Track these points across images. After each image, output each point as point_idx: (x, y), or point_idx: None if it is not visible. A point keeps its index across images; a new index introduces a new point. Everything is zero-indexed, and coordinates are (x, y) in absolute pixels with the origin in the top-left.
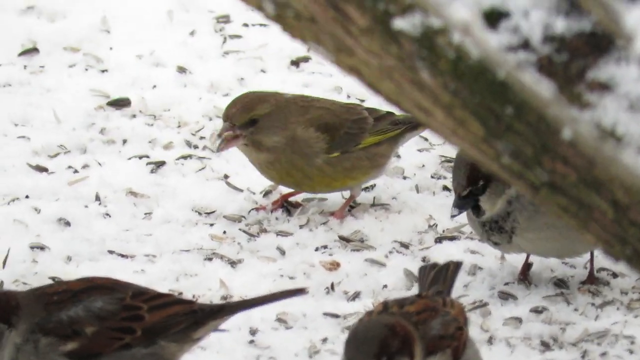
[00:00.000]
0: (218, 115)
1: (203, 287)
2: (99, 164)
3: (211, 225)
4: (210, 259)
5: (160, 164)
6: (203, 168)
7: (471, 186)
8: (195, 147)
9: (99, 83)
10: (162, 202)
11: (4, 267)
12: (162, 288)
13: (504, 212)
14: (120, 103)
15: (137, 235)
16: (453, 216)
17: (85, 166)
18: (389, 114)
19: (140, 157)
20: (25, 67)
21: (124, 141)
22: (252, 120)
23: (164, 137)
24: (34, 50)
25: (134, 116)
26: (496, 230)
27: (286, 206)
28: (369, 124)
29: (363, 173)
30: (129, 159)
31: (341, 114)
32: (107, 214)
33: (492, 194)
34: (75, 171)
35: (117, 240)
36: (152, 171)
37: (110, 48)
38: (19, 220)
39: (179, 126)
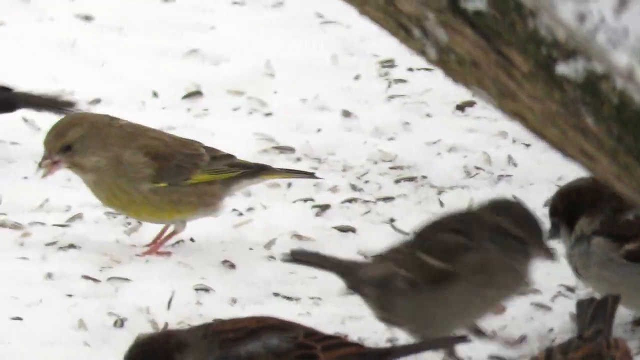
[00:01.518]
0: (383, 159)
1: (369, 330)
2: (264, 207)
3: None
4: None
5: (325, 207)
6: (368, 212)
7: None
8: (361, 190)
9: (263, 127)
10: (327, 245)
11: (168, 308)
12: (328, 331)
13: (569, 251)
14: (284, 148)
15: (302, 278)
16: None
17: (250, 209)
18: (228, 156)
19: (305, 201)
20: (188, 110)
21: (289, 185)
22: (67, 146)
23: (329, 181)
24: (197, 93)
25: (299, 160)
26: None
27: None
28: (203, 160)
29: (191, 209)
30: (294, 202)
31: (174, 146)
32: (272, 257)
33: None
34: (240, 214)
35: (282, 283)
36: (317, 214)
37: (275, 92)
38: (183, 262)
39: (343, 170)
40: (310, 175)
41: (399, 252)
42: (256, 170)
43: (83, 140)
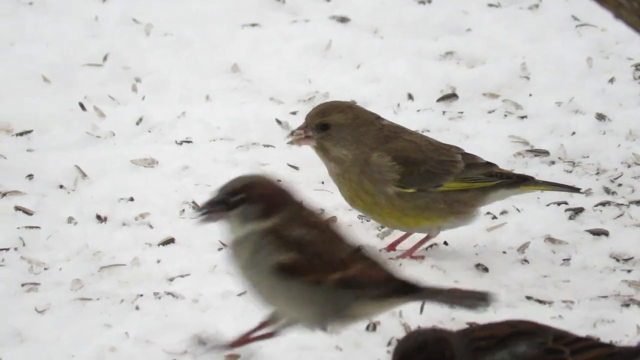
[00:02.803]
0: (637, 162)
1: (620, 334)
2: (518, 210)
3: (629, 271)
4: (627, 305)
5: (578, 211)
6: (621, 215)
7: None
8: (614, 193)
9: (517, 129)
10: (580, 248)
11: (421, 312)
12: (580, 334)
13: None
14: (539, 151)
15: (555, 281)
16: None
17: (503, 212)
18: (488, 164)
19: (559, 204)
20: (444, 113)
21: None
22: (324, 125)
23: (582, 184)
24: (453, 96)
25: (553, 163)
26: None
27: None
28: (457, 168)
29: (438, 216)
30: (548, 205)
31: (428, 151)
32: (525, 260)
33: None
34: (494, 217)
35: (535, 286)
36: (570, 218)
37: (530, 95)
38: (437, 266)
39: (597, 173)
40: (575, 189)
41: None
42: (516, 182)
43: (341, 128)
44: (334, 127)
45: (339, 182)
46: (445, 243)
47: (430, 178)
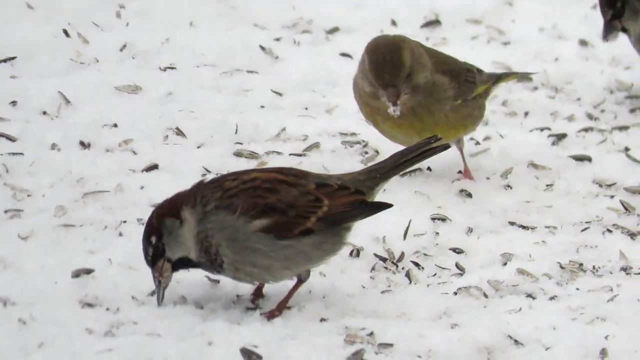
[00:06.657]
0: (619, 88)
1: (603, 259)
2: (501, 136)
3: (611, 197)
4: (610, 231)
5: (561, 137)
6: (604, 141)
7: (612, 9)
8: (597, 119)
9: (501, 55)
10: (563, 174)
11: (404, 238)
12: (563, 259)
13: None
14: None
15: (538, 207)
16: (605, 40)
17: (486, 138)
18: (480, 69)
19: (542, 130)
20: (427, 39)
21: (526, 113)
22: (409, 74)
23: (565, 110)
24: (436, 22)
25: (536, 89)
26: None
27: None
28: (475, 74)
29: (472, 123)
30: (531, 131)
31: (455, 62)
32: (508, 186)
33: (630, 11)
34: (477, 143)
35: (518, 212)
36: (553, 143)
37: (513, 21)
38: (420, 192)
39: (580, 99)
40: (532, 73)
41: None
42: (498, 78)
43: (416, 60)
44: (413, 65)
45: (407, 113)
46: (429, 168)
47: (468, 87)
